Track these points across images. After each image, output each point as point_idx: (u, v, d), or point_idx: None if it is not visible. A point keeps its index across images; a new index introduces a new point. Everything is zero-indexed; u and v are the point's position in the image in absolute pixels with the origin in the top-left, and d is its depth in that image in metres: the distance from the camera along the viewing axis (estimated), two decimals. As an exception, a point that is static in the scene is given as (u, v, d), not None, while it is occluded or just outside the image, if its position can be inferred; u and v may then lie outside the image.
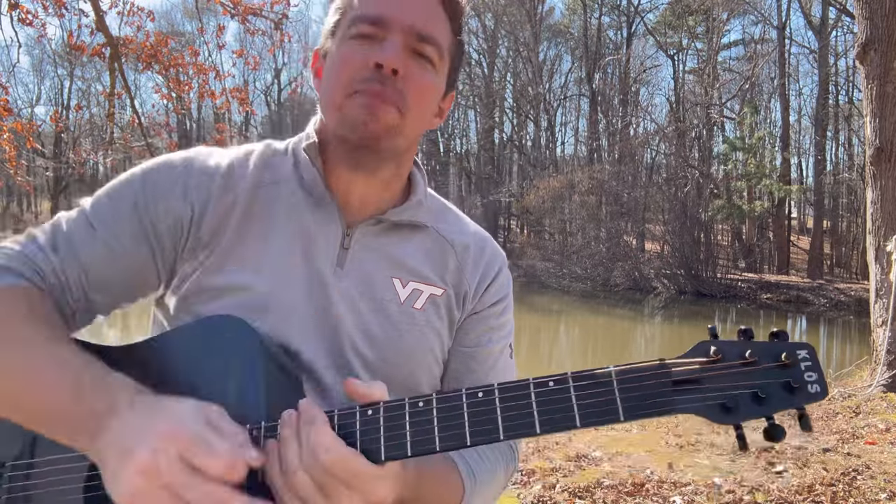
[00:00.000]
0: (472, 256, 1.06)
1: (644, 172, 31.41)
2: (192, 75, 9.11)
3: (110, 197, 0.96)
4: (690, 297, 22.67)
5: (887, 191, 6.02)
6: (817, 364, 0.71)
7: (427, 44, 0.92)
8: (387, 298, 0.99)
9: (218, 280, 0.93)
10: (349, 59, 0.91)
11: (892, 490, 3.45)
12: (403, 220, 1.01)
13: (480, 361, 1.06)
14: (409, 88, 0.91)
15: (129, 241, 0.93)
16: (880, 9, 5.98)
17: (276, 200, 0.97)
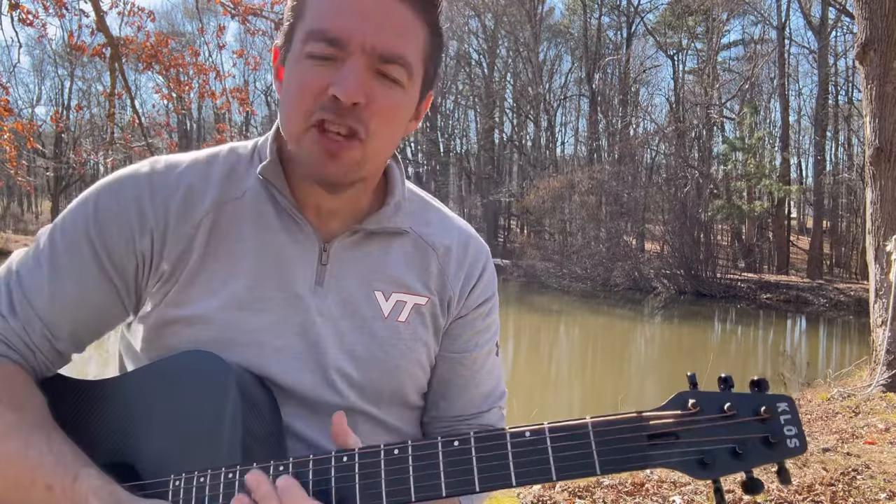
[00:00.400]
0: (455, 258, 1.01)
1: (644, 172, 31.41)
2: (193, 75, 9.11)
3: (65, 238, 0.89)
4: (690, 297, 22.67)
5: (887, 191, 6.02)
6: (797, 417, 0.70)
7: (393, 64, 0.82)
8: (370, 315, 0.95)
9: (185, 311, 0.88)
10: (306, 84, 0.82)
11: (891, 490, 3.45)
12: (381, 228, 0.96)
13: (468, 365, 1.03)
14: (372, 115, 0.83)
15: (91, 285, 0.89)
16: (880, 9, 5.98)
17: (243, 217, 0.90)
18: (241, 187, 0.92)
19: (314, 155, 0.83)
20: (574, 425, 0.72)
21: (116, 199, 0.89)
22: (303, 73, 0.83)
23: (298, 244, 0.91)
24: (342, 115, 0.81)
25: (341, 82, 0.80)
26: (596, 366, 13.41)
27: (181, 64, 8.72)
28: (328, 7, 0.82)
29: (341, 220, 0.94)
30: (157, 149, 9.41)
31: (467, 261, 1.03)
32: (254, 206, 0.91)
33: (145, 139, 8.89)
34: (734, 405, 0.70)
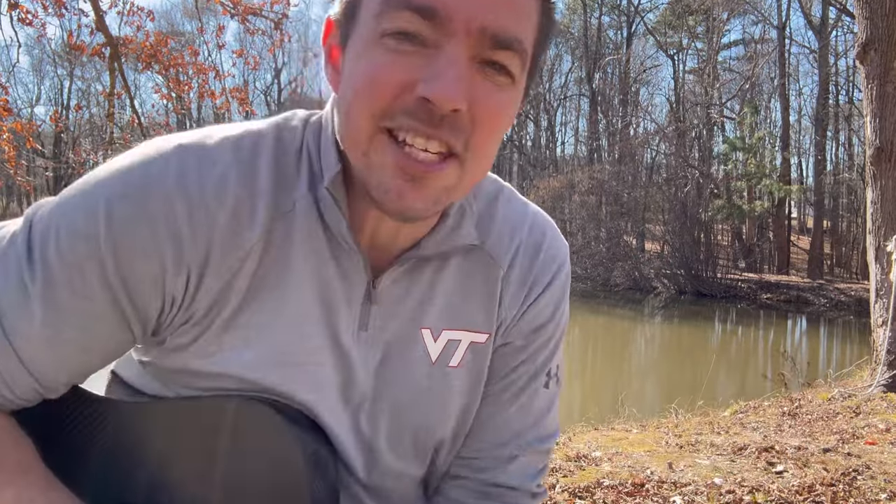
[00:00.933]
0: (518, 272, 0.80)
1: (644, 172, 31.40)
2: (192, 75, 9.11)
3: (65, 263, 0.64)
4: (690, 297, 22.66)
5: (887, 191, 6.01)
6: None
7: (507, 51, 0.61)
8: (414, 359, 0.77)
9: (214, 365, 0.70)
10: (382, 75, 0.60)
11: (892, 490, 3.44)
12: (440, 252, 0.75)
13: (495, 395, 0.83)
14: (476, 123, 0.62)
15: (102, 332, 0.67)
16: (880, 8, 5.97)
17: (294, 241, 0.69)
18: (291, 197, 0.69)
19: (388, 175, 0.61)
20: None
21: (142, 220, 0.63)
22: (377, 61, 0.60)
23: (345, 279, 0.72)
24: (434, 126, 0.60)
25: (438, 78, 0.58)
26: (596, 366, 13.41)
27: (181, 63, 8.72)
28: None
29: (398, 245, 0.74)
30: (156, 148, 9.39)
31: (534, 271, 0.81)
32: (305, 224, 0.69)
33: (145, 139, 8.84)
34: None
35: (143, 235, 0.64)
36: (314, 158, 0.71)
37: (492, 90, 0.62)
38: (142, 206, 0.64)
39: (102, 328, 0.67)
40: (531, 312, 0.81)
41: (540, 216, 0.85)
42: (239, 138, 0.70)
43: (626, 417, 5.58)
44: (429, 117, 0.60)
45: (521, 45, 0.62)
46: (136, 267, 0.65)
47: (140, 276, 0.65)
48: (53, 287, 0.64)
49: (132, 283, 0.65)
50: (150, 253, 0.64)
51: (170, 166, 0.66)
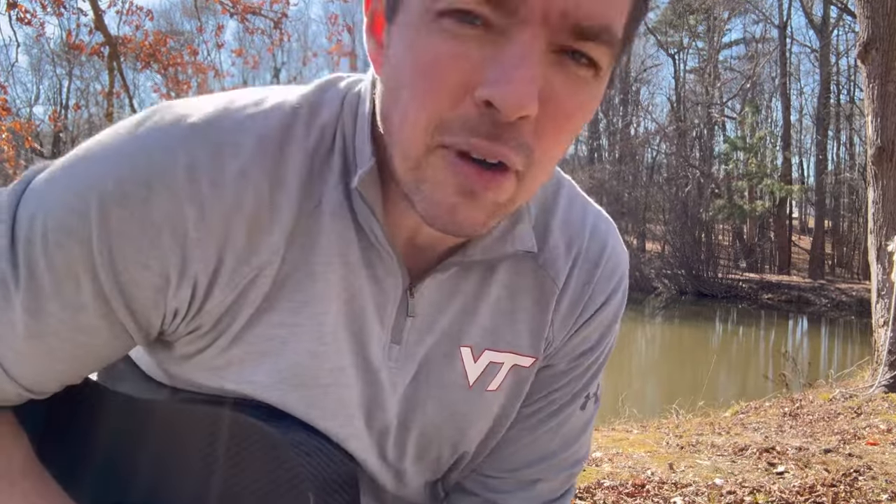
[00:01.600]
0: (574, 288, 0.70)
1: (644, 172, 31.39)
2: (191, 74, 9.11)
3: (53, 267, 0.54)
4: (691, 297, 22.65)
5: (889, 190, 6.00)
6: None
7: (594, 40, 0.49)
8: (448, 382, 0.68)
9: (222, 382, 0.62)
10: (439, 69, 0.49)
11: (893, 491, 3.43)
12: (489, 258, 0.65)
13: (526, 416, 0.74)
14: (545, 130, 0.51)
15: (96, 342, 0.59)
16: (882, 8, 5.96)
17: (319, 243, 0.59)
18: (318, 191, 0.59)
19: (441, 192, 0.52)
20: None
21: (143, 222, 0.54)
22: (433, 49, 0.49)
23: (378, 286, 0.62)
24: (498, 137, 0.49)
25: (505, 80, 0.47)
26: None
27: (180, 63, 8.71)
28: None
29: (440, 247, 0.64)
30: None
31: (591, 287, 0.71)
32: (332, 224, 0.59)
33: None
34: None
35: (143, 243, 0.54)
36: (349, 144, 0.60)
37: (570, 87, 0.50)
38: (142, 209, 0.53)
39: (96, 339, 0.58)
40: (581, 334, 0.72)
41: (602, 220, 0.75)
42: (265, 118, 0.57)
43: (627, 418, 5.56)
44: (492, 126, 0.49)
45: (609, 34, 0.49)
46: (135, 276, 0.55)
47: (140, 285, 0.56)
48: (39, 296, 0.55)
49: (130, 292, 0.56)
50: (150, 263, 0.55)
51: (178, 158, 0.54)
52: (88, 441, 0.70)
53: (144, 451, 0.68)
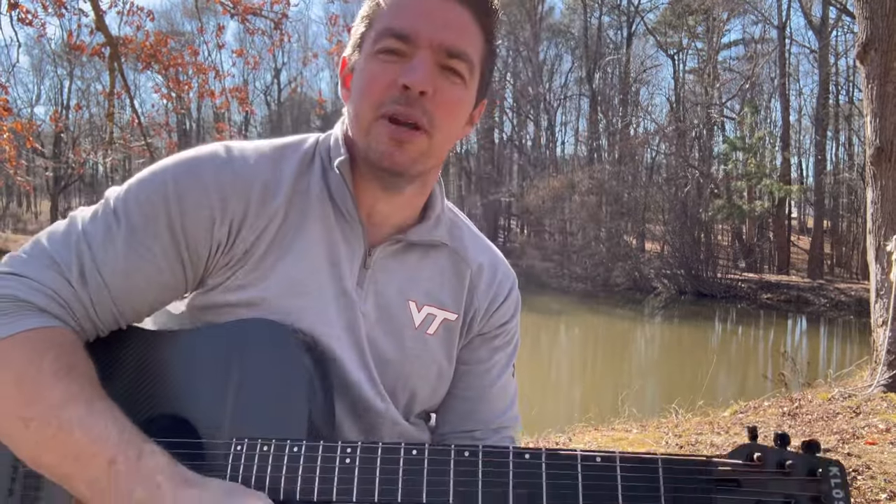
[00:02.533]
0: (486, 277, 1.06)
1: (644, 172, 31.41)
2: (192, 75, 9.10)
3: (142, 213, 0.88)
4: (690, 297, 22.67)
5: (887, 190, 6.01)
6: (846, 482, 0.77)
7: (457, 59, 0.89)
8: (401, 323, 0.99)
9: (245, 294, 0.91)
10: (376, 77, 0.88)
11: (892, 490, 3.44)
12: (423, 240, 1.00)
13: (480, 377, 1.06)
14: (437, 107, 0.88)
15: (165, 266, 0.89)
16: (881, 8, 5.97)
17: (309, 212, 0.94)
18: (308, 182, 0.95)
19: (383, 143, 0.88)
20: (645, 458, 0.77)
21: (199, 183, 0.89)
22: (373, 68, 0.89)
23: (348, 244, 0.96)
24: (410, 105, 0.86)
25: (411, 73, 0.85)
26: (596, 366, 13.40)
27: (180, 63, 8.71)
28: (398, 10, 0.89)
29: (388, 226, 0.99)
30: (156, 148, 9.41)
31: (496, 280, 1.07)
32: (318, 201, 0.95)
33: (144, 139, 8.88)
34: (794, 464, 0.77)
35: (199, 194, 0.88)
36: (325, 159, 0.97)
37: (449, 85, 0.89)
38: (199, 177, 0.89)
39: (164, 265, 0.89)
40: (498, 312, 1.07)
41: (495, 249, 1.12)
42: (265, 145, 0.98)
43: (627, 417, 5.58)
44: (406, 100, 0.86)
45: (467, 56, 0.89)
46: (194, 216, 0.88)
47: (196, 224, 0.88)
48: (133, 231, 0.88)
49: (191, 230, 0.88)
50: (203, 206, 0.88)
51: (220, 154, 0.93)
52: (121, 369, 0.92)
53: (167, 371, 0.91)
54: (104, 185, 9.75)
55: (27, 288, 0.85)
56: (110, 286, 0.87)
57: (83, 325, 0.89)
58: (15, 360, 0.80)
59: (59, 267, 0.86)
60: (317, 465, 0.79)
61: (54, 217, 34.42)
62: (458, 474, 0.77)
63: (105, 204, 0.91)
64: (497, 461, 0.77)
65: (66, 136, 32.58)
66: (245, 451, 0.80)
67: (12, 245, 32.59)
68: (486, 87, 0.98)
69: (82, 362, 0.84)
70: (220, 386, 0.86)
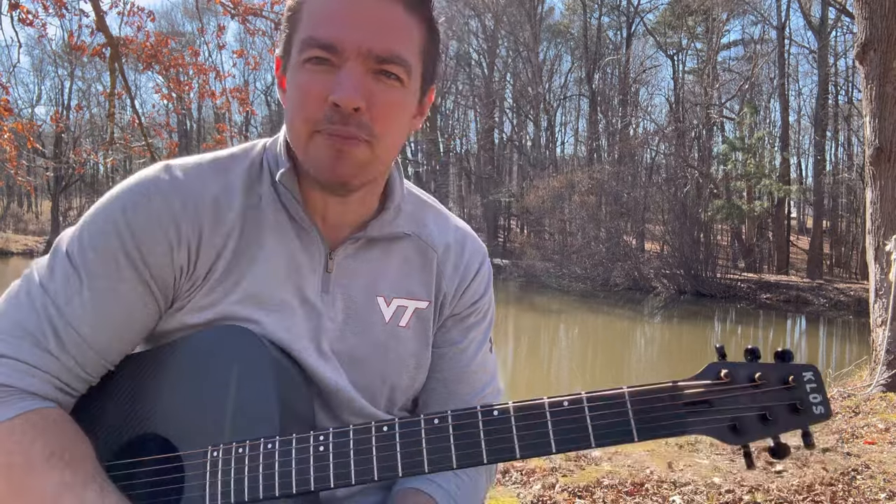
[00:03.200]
0: (453, 258, 1.04)
1: (644, 172, 31.41)
2: (193, 75, 9.11)
3: (99, 256, 0.85)
4: (690, 297, 22.67)
5: (886, 191, 6.02)
6: (821, 386, 0.75)
7: (390, 63, 0.83)
8: (371, 320, 0.97)
9: (209, 313, 0.90)
10: (306, 91, 0.83)
11: (891, 490, 3.45)
12: (383, 235, 0.98)
13: (457, 359, 1.04)
14: (375, 117, 0.83)
15: (137, 303, 0.88)
16: (880, 9, 5.98)
17: (263, 224, 0.92)
18: (258, 194, 0.93)
19: (322, 157, 0.84)
20: (611, 394, 0.75)
21: (149, 212, 0.86)
22: (302, 80, 0.84)
23: (307, 252, 0.94)
24: (345, 122, 0.82)
25: (340, 89, 0.80)
26: (595, 365, 13.40)
27: (181, 64, 8.72)
28: (322, 14, 0.83)
29: (345, 226, 0.96)
30: (157, 149, 9.41)
31: (464, 260, 1.05)
32: (271, 212, 0.92)
33: (145, 139, 8.88)
34: (763, 375, 0.74)
35: (152, 224, 0.86)
36: (272, 165, 0.94)
37: (384, 90, 0.84)
38: (148, 205, 0.86)
39: (136, 301, 0.88)
40: (469, 291, 1.05)
41: (461, 222, 1.10)
42: (207, 158, 0.95)
43: (626, 417, 5.57)
44: (340, 117, 0.82)
45: (401, 59, 0.84)
46: (152, 247, 0.86)
47: (156, 254, 0.86)
48: (94, 276, 0.85)
49: (151, 260, 0.86)
50: (158, 236, 0.86)
51: (163, 177, 0.89)
52: (109, 397, 0.92)
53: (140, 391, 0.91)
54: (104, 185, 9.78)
55: (6, 370, 0.82)
56: (89, 341, 0.86)
57: (73, 387, 0.87)
58: (2, 451, 0.79)
59: (32, 337, 0.84)
60: (292, 458, 0.79)
61: (55, 217, 34.42)
62: (429, 442, 0.77)
63: (59, 256, 0.88)
64: (467, 422, 0.77)
65: (67, 136, 32.56)
66: (221, 457, 0.81)
67: (13, 245, 32.53)
68: (432, 75, 0.93)
69: (75, 441, 0.82)
70: (193, 396, 0.87)
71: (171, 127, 26.23)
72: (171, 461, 0.84)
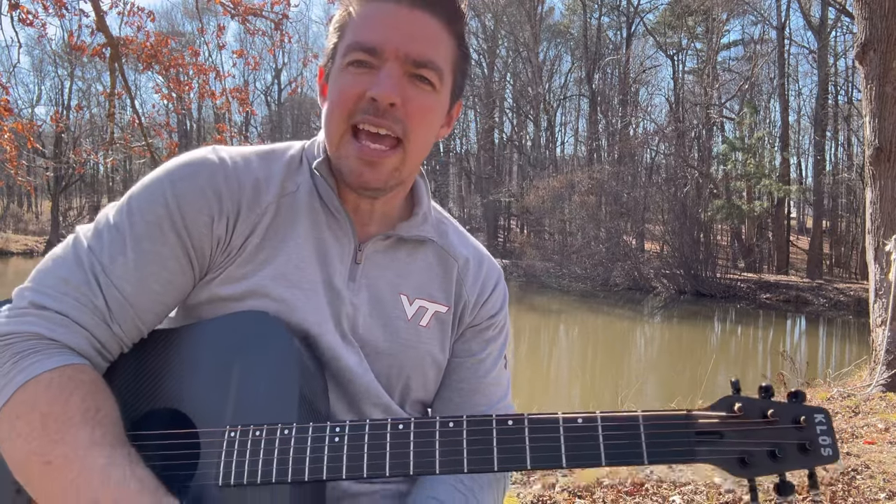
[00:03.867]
0: (472, 270, 1.09)
1: (644, 172, 31.42)
2: (193, 75, 9.11)
3: (145, 220, 0.91)
4: (690, 297, 22.67)
5: (886, 191, 6.02)
6: (831, 429, 0.76)
7: (425, 68, 0.91)
8: (394, 315, 1.01)
9: (241, 286, 0.94)
10: (346, 90, 0.90)
11: (891, 490, 3.45)
12: (411, 236, 1.03)
13: (474, 370, 1.08)
14: (409, 116, 0.90)
15: (176, 267, 0.92)
16: (879, 9, 5.98)
17: (298, 210, 0.98)
18: (296, 183, 0.99)
19: (352, 164, 0.91)
20: (625, 416, 0.77)
21: (195, 184, 0.92)
22: (343, 81, 0.91)
23: (338, 241, 0.99)
24: (380, 116, 0.89)
25: (378, 85, 0.88)
26: (595, 365, 13.40)
27: (181, 64, 8.72)
28: (366, 22, 0.91)
29: (376, 224, 1.02)
30: (157, 149, 9.41)
31: (482, 274, 1.10)
32: (307, 200, 0.98)
33: (145, 139, 8.88)
34: (776, 412, 0.76)
35: (196, 195, 0.92)
36: (310, 160, 1.00)
37: (418, 93, 0.91)
38: (194, 178, 0.93)
39: (175, 266, 0.92)
40: (487, 304, 1.10)
41: (479, 245, 1.16)
42: (256, 150, 1.02)
43: (626, 417, 5.57)
44: (376, 111, 0.89)
45: (434, 65, 0.91)
46: (194, 217, 0.92)
47: (197, 222, 0.92)
48: (139, 239, 0.90)
49: (193, 229, 0.92)
50: (202, 206, 0.92)
51: (212, 157, 0.96)
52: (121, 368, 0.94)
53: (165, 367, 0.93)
54: (104, 185, 9.75)
55: (48, 323, 0.86)
56: (130, 300, 0.90)
57: (108, 348, 0.91)
58: (41, 401, 0.81)
59: (77, 292, 0.88)
60: (307, 446, 0.80)
61: (55, 217, 34.40)
62: (443, 444, 0.78)
63: (105, 220, 0.93)
64: (481, 429, 0.78)
65: (67, 136, 32.55)
66: (238, 438, 0.83)
67: (13, 245, 32.54)
68: (460, 89, 1.00)
69: (107, 403, 0.85)
70: (216, 378, 0.89)
71: (171, 127, 26.20)
72: (188, 436, 0.86)
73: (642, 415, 0.77)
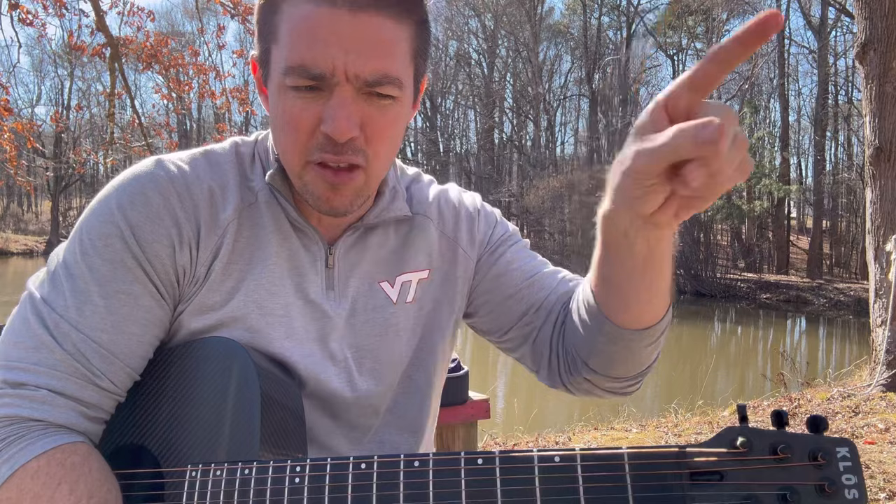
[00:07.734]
0: (449, 212, 1.03)
1: (644, 172, 31.38)
2: (193, 75, 9.12)
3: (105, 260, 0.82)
4: (690, 297, 22.67)
5: (886, 191, 6.02)
6: (858, 465, 0.63)
7: (381, 85, 0.79)
8: (378, 306, 0.95)
9: (209, 318, 0.86)
10: (296, 120, 0.79)
11: (891, 490, 3.45)
12: (381, 219, 0.95)
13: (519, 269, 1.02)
14: (370, 140, 0.81)
15: (150, 302, 0.84)
16: (879, 9, 5.98)
17: (261, 223, 0.89)
18: (254, 191, 0.90)
19: (318, 190, 0.83)
20: (608, 454, 0.67)
21: (149, 211, 0.83)
22: (290, 107, 0.80)
23: (308, 250, 0.91)
24: (340, 152, 0.80)
25: (332, 120, 0.77)
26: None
27: (181, 64, 8.73)
28: (304, 38, 0.77)
29: (343, 222, 0.94)
30: (157, 149, 9.42)
31: (462, 210, 1.04)
32: (268, 210, 0.89)
33: (145, 139, 8.89)
34: (788, 447, 0.64)
35: (153, 223, 0.83)
36: (264, 160, 0.92)
37: (377, 111, 0.81)
38: (147, 204, 0.83)
39: (150, 302, 0.84)
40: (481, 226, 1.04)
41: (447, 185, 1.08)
42: (206, 150, 0.92)
43: (626, 417, 5.59)
44: (334, 146, 0.80)
45: (390, 77, 0.79)
46: (155, 247, 0.83)
47: (160, 255, 0.84)
48: (104, 281, 0.82)
49: (155, 262, 0.83)
50: (161, 236, 0.83)
51: (160, 173, 0.85)
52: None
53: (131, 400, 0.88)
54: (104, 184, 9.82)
55: (28, 402, 0.78)
56: (109, 348, 0.82)
57: (102, 406, 0.84)
58: (26, 496, 0.75)
59: (49, 359, 0.79)
60: (267, 487, 0.75)
61: (55, 217, 34.42)
62: (407, 487, 0.71)
63: (59, 269, 0.83)
64: (449, 469, 0.70)
65: (67, 136, 32.58)
66: (199, 478, 0.79)
67: (13, 245, 32.53)
68: (424, 66, 0.89)
69: (98, 486, 0.78)
70: (178, 411, 0.85)
71: (171, 127, 26.23)
72: (150, 476, 0.82)
73: (627, 452, 0.66)
